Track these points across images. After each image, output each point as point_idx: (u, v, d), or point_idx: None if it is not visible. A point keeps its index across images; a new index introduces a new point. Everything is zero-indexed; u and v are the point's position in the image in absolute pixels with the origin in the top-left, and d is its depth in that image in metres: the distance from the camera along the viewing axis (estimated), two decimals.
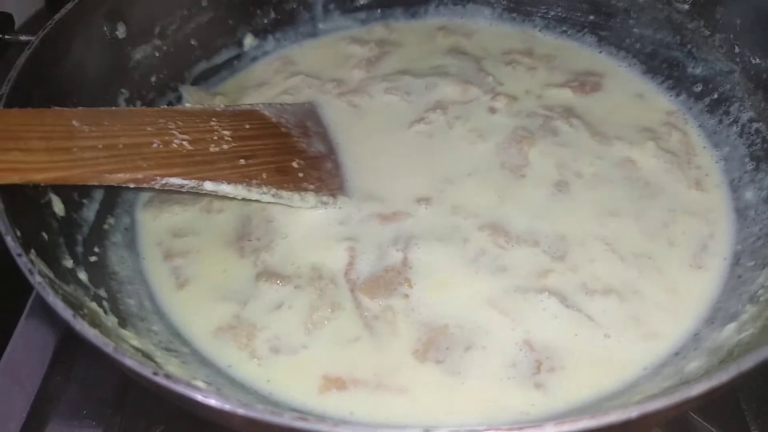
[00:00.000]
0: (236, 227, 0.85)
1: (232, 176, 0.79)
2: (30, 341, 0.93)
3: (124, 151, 0.73)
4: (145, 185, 0.73)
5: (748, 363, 0.49)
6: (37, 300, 0.99)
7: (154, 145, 0.76)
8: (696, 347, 0.71)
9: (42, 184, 0.71)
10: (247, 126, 0.86)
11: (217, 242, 0.84)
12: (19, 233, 0.61)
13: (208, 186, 0.77)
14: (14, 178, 0.64)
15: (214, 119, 0.84)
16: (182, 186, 0.75)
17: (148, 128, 0.77)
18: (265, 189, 0.81)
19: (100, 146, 0.71)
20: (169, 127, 0.78)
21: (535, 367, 0.70)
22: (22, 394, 0.87)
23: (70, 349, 0.92)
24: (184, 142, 0.78)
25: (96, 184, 0.71)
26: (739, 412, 0.83)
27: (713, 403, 0.79)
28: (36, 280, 0.56)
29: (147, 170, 0.73)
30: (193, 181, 0.76)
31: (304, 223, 0.84)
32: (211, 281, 0.80)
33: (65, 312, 0.54)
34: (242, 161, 0.81)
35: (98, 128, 0.72)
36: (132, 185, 0.73)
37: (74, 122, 0.71)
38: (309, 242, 0.82)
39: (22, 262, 0.58)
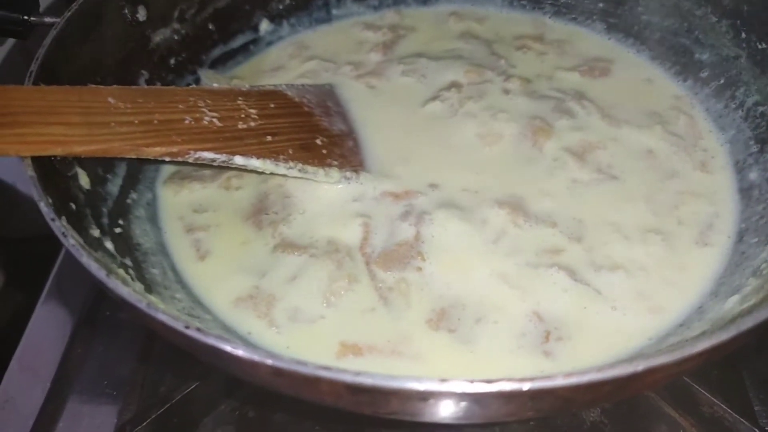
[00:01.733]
0: (254, 203, 0.88)
1: (260, 151, 0.81)
2: (47, 324, 0.97)
3: (159, 127, 0.76)
4: (179, 159, 0.76)
5: (747, 323, 0.52)
6: (54, 285, 1.03)
7: (186, 122, 0.78)
8: (700, 319, 0.73)
9: (80, 157, 0.74)
10: (272, 105, 0.89)
11: (235, 217, 0.87)
12: (50, 200, 0.64)
13: (239, 160, 0.80)
14: (57, 150, 0.68)
15: (240, 98, 0.87)
16: (214, 160, 0.78)
17: (180, 106, 0.80)
18: (291, 164, 0.83)
19: (136, 122, 0.74)
20: (199, 105, 0.81)
21: (543, 336, 0.73)
22: (41, 374, 0.91)
23: (87, 331, 0.96)
24: (214, 119, 0.81)
25: (134, 157, 0.73)
26: (743, 388, 0.85)
27: (718, 378, 0.83)
28: (69, 242, 0.59)
29: (181, 144, 0.76)
30: (224, 155, 0.79)
31: (320, 199, 0.87)
32: (230, 253, 0.83)
33: (99, 272, 0.56)
34: (269, 138, 0.84)
35: (133, 105, 0.75)
36: (167, 158, 0.76)
37: (110, 99, 0.74)
38: (325, 217, 0.85)
39: (56, 226, 0.61)
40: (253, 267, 0.81)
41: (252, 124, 0.84)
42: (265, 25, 1.14)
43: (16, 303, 1.16)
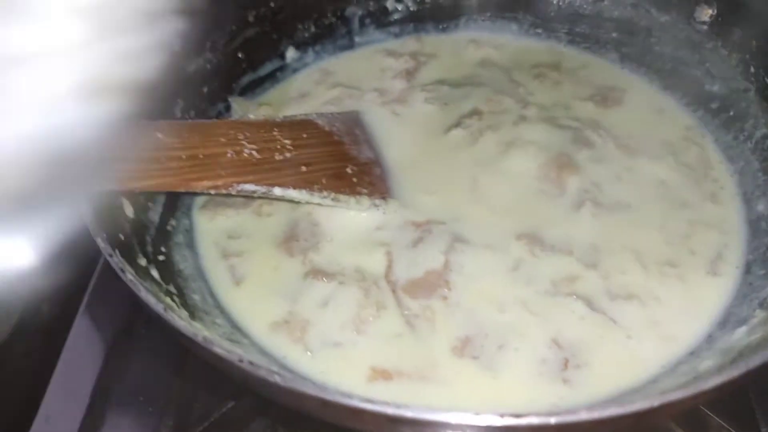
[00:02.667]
0: (285, 230, 0.92)
1: (297, 182, 0.86)
2: (85, 341, 1.00)
3: (204, 161, 0.80)
4: (223, 191, 0.80)
5: (755, 361, 0.56)
6: (89, 301, 1.06)
7: (229, 155, 0.82)
8: (709, 348, 0.77)
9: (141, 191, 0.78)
10: (305, 135, 0.93)
11: (267, 243, 0.91)
12: (105, 236, 0.69)
13: (277, 191, 0.84)
14: (115, 186, 0.72)
15: (275, 130, 0.91)
16: (254, 191, 0.82)
17: (222, 139, 0.83)
18: (325, 193, 0.87)
19: (184, 156, 0.78)
20: (239, 138, 0.85)
21: (563, 364, 0.77)
22: (79, 391, 0.93)
23: (123, 347, 0.99)
24: (253, 152, 0.85)
25: (183, 190, 0.77)
26: (750, 410, 0.89)
27: (726, 401, 0.87)
28: (128, 278, 0.64)
29: (225, 178, 0.80)
30: (264, 186, 0.83)
31: (346, 227, 0.91)
32: (264, 279, 0.87)
33: (157, 306, 0.61)
34: (303, 168, 0.88)
35: (180, 140, 0.79)
36: (213, 191, 0.80)
37: (159, 135, 0.78)
38: (351, 246, 0.89)
39: (114, 261, 0.65)
40: (287, 292, 0.85)
41: (287, 155, 0.88)
42: (291, 53, 1.19)
43: (52, 318, 1.21)
